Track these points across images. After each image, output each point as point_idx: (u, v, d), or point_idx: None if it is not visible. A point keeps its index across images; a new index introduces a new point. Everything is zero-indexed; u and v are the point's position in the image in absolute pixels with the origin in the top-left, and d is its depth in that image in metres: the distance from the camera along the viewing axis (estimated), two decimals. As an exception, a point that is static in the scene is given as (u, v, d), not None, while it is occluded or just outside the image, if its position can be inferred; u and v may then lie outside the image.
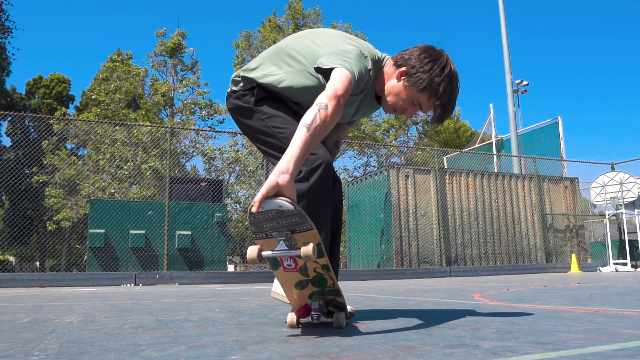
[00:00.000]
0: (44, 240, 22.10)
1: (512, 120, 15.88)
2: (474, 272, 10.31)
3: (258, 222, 1.50)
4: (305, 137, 1.48)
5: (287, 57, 1.85)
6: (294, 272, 1.65)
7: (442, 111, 1.79)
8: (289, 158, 1.45)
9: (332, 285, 1.71)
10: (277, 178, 1.42)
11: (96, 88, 25.40)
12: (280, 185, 1.42)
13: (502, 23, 16.16)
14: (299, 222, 1.49)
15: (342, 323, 1.73)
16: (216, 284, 7.76)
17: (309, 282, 1.68)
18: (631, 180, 12.54)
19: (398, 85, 1.81)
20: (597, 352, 1.18)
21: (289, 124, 1.80)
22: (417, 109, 1.83)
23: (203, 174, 20.95)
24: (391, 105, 1.84)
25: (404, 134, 27.87)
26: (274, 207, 1.45)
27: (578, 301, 2.78)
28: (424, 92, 1.76)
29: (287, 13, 26.26)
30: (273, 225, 1.51)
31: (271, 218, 1.48)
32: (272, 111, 1.84)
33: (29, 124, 28.08)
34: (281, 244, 1.54)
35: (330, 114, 1.53)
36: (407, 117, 1.87)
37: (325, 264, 1.63)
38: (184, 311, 2.59)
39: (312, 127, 1.50)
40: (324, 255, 1.59)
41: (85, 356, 1.26)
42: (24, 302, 3.59)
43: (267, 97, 1.87)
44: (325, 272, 1.65)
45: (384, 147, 21.29)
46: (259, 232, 1.54)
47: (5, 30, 24.25)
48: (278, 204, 1.44)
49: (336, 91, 1.57)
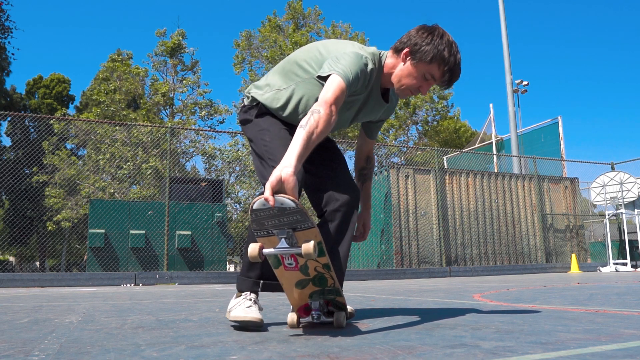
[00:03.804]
0: (44, 240, 22.09)
1: (512, 120, 15.88)
2: (474, 272, 10.31)
3: (260, 220, 1.51)
4: (302, 135, 1.57)
5: (297, 68, 1.95)
6: (295, 271, 1.65)
7: (450, 74, 1.85)
8: (290, 153, 1.53)
9: (333, 284, 1.71)
10: (280, 171, 1.47)
11: (96, 88, 25.38)
12: (284, 179, 1.46)
13: (502, 23, 16.16)
14: (300, 219, 1.50)
15: (343, 322, 1.73)
16: (216, 284, 7.76)
17: (309, 281, 1.69)
18: (631, 180, 12.54)
19: (406, 66, 1.87)
20: (597, 352, 1.18)
21: (275, 140, 1.91)
22: (431, 83, 1.88)
23: (203, 174, 20.94)
24: (406, 88, 1.89)
25: (404, 134, 27.86)
26: (276, 205, 1.45)
27: (578, 301, 2.78)
28: (433, 63, 1.82)
29: (287, 13, 26.24)
30: (274, 222, 1.51)
31: (273, 215, 1.49)
32: (265, 125, 1.97)
33: (29, 124, 28.07)
34: (282, 242, 1.54)
35: (323, 118, 1.62)
36: (423, 93, 1.92)
37: (326, 263, 1.63)
38: (184, 311, 2.59)
39: (307, 126, 1.59)
40: (324, 254, 1.60)
41: (85, 356, 1.26)
42: (24, 302, 3.59)
43: (267, 113, 2.00)
44: (325, 271, 1.65)
45: (384, 147, 21.28)
46: (261, 229, 1.54)
47: (5, 30, 24.24)
48: (280, 201, 1.45)
49: (326, 99, 1.67)
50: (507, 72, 16.07)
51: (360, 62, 1.80)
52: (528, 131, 17.58)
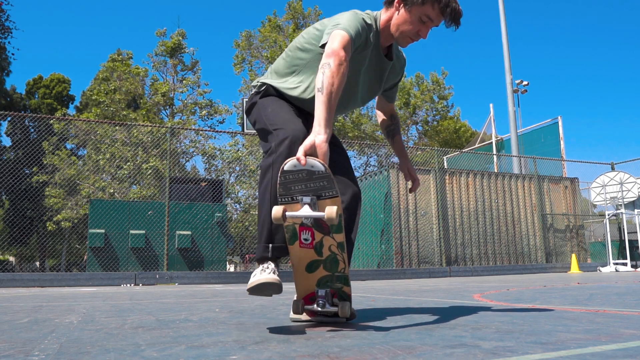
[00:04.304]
0: (44, 240, 22.09)
1: (512, 120, 15.88)
2: (474, 272, 10.31)
3: (287, 183, 1.56)
4: (323, 100, 1.60)
5: (299, 52, 1.96)
6: (309, 250, 1.65)
7: (451, 10, 1.84)
8: (317, 121, 1.58)
9: (343, 270, 1.70)
10: (314, 137, 1.55)
11: (96, 88, 25.38)
12: (317, 144, 1.54)
13: (502, 23, 16.16)
14: (326, 186, 1.55)
15: (347, 312, 1.71)
16: (216, 284, 7.76)
17: (320, 263, 1.68)
18: (631, 180, 12.54)
19: (401, 14, 1.88)
20: (597, 352, 1.18)
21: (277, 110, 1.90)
22: (429, 25, 1.88)
23: (203, 174, 20.94)
24: (405, 34, 1.90)
25: (404, 134, 27.85)
26: (305, 167, 1.52)
27: (578, 301, 2.78)
28: (426, 3, 1.83)
29: (287, 13, 26.25)
30: (301, 187, 1.56)
31: (301, 179, 1.54)
32: (268, 102, 1.97)
33: (29, 124, 28.07)
34: (306, 208, 1.57)
35: (334, 70, 1.63)
36: (424, 37, 1.92)
37: (342, 241, 1.64)
38: (184, 311, 2.59)
39: (324, 88, 1.61)
40: (342, 231, 1.62)
41: (85, 356, 1.26)
42: (24, 302, 3.59)
43: (272, 94, 2.00)
44: (339, 252, 1.66)
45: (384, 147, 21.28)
46: (286, 194, 1.58)
47: (5, 30, 24.24)
48: (311, 163, 1.52)
49: (333, 48, 1.66)
50: (507, 72, 16.07)
51: (358, 17, 1.82)
52: (528, 131, 17.58)
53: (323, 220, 1.59)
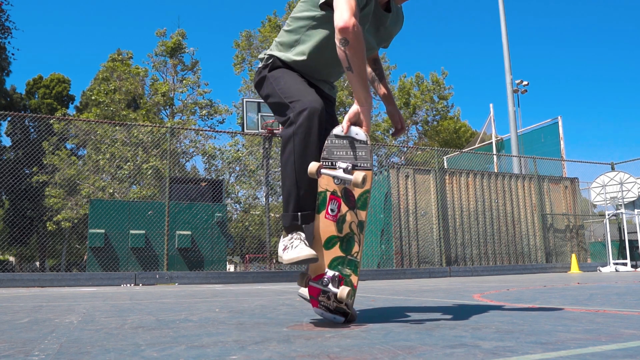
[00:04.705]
0: (44, 240, 22.09)
1: (512, 120, 15.88)
2: (474, 272, 10.31)
3: (331, 148, 1.73)
4: (354, 77, 1.71)
5: (299, 20, 1.98)
6: (332, 222, 1.75)
7: None
8: (356, 95, 1.73)
9: (356, 254, 1.76)
10: (358, 107, 1.71)
11: (96, 88, 25.38)
12: (361, 111, 1.72)
13: (502, 23, 16.15)
14: (364, 157, 1.71)
15: (344, 295, 1.73)
16: (216, 284, 7.76)
17: (338, 240, 1.76)
18: (631, 180, 12.54)
19: None
20: (597, 352, 1.18)
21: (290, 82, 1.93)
22: None
23: (203, 174, 20.95)
24: None
25: (404, 133, 27.86)
26: (350, 134, 1.71)
27: (578, 301, 2.78)
28: None
29: (287, 13, 26.25)
30: (342, 154, 1.73)
31: (343, 146, 1.72)
32: (278, 74, 1.99)
33: (29, 124, 28.07)
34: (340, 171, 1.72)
35: (354, 44, 1.70)
36: None
37: (362, 221, 1.74)
38: (184, 311, 2.59)
39: (353, 67, 1.71)
40: (366, 208, 1.73)
41: (85, 356, 1.26)
42: (24, 302, 3.59)
43: (279, 66, 2.02)
44: (358, 232, 1.75)
45: (384, 147, 21.27)
46: (328, 158, 1.74)
47: (5, 30, 24.25)
48: (355, 131, 1.71)
49: (344, 20, 1.70)
50: (507, 72, 16.07)
51: None
52: (528, 131, 17.58)
53: (351, 193, 1.72)
